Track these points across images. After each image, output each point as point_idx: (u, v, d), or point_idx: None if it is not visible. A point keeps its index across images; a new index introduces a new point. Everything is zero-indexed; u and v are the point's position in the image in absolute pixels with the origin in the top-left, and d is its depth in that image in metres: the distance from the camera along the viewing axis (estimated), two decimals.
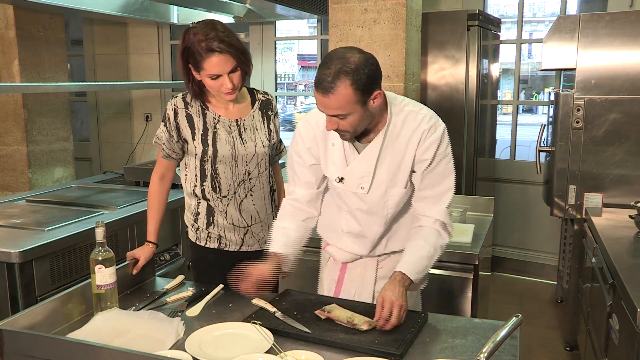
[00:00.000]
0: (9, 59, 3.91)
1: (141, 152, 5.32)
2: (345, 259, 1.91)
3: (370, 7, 3.16)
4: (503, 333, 1.35)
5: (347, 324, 1.56)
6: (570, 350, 3.34)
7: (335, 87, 1.52)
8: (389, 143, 1.71)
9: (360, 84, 1.53)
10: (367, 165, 1.73)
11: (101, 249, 1.69)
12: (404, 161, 1.72)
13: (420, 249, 1.73)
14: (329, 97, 1.54)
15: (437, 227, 1.75)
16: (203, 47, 1.81)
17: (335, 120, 1.61)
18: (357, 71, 1.53)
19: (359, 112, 1.58)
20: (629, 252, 2.42)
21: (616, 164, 3.14)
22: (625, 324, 1.96)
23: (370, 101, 1.59)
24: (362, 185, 1.75)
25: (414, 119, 1.71)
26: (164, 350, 1.45)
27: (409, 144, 1.70)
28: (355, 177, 1.75)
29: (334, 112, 1.58)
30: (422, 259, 1.72)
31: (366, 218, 1.80)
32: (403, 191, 1.75)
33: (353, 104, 1.56)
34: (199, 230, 2.08)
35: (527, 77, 14.71)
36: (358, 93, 1.54)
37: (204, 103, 2.01)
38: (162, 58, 5.33)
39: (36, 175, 4.08)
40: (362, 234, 1.83)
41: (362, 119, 1.62)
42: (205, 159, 1.98)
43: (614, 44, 3.09)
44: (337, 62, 1.54)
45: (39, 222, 2.62)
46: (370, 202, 1.77)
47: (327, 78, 1.53)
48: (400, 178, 1.73)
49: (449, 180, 1.75)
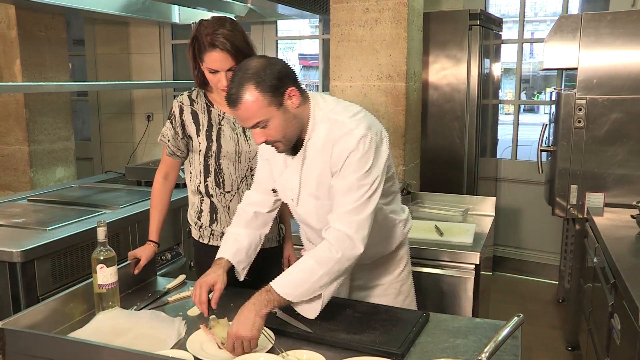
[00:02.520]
0: (10, 59, 3.92)
1: (142, 152, 5.32)
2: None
3: (372, 6, 3.15)
4: (504, 333, 1.35)
5: (220, 344, 1.47)
6: (571, 350, 3.33)
7: (241, 96, 1.49)
8: (314, 153, 1.62)
9: (266, 86, 1.49)
10: (293, 177, 1.68)
11: (103, 248, 1.69)
12: (326, 174, 1.62)
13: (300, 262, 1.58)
14: (239, 108, 1.50)
15: (326, 236, 1.56)
16: (207, 40, 1.85)
17: (260, 132, 1.55)
18: (257, 74, 1.49)
19: (278, 115, 1.52)
20: (631, 252, 2.42)
21: (618, 164, 3.14)
22: (627, 323, 1.96)
23: (287, 102, 1.53)
24: (291, 198, 1.71)
25: (333, 126, 1.59)
26: (166, 350, 1.45)
27: (326, 156, 1.60)
28: (284, 188, 1.72)
29: (252, 121, 1.52)
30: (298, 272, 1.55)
31: (312, 225, 1.75)
32: (329, 204, 1.61)
33: (266, 108, 1.50)
34: (202, 227, 2.08)
35: (529, 77, 14.70)
36: (267, 95, 1.49)
37: (209, 100, 2.03)
38: (164, 58, 5.33)
39: (38, 175, 4.09)
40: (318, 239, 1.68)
41: (286, 123, 1.55)
42: (209, 155, 2.00)
43: (615, 43, 3.08)
44: (238, 73, 1.52)
45: (41, 221, 2.62)
46: (305, 212, 1.72)
47: (232, 91, 1.51)
48: (324, 190, 1.63)
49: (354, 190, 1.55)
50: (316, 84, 5.67)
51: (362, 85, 3.25)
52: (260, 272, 2.15)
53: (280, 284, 1.53)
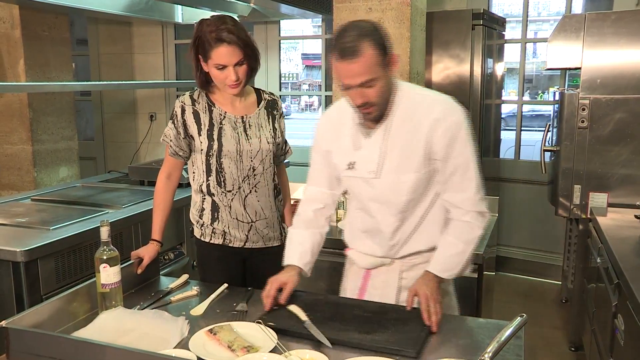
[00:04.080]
0: (14, 59, 3.92)
1: (146, 152, 5.33)
2: (365, 263, 1.85)
3: (375, 6, 3.15)
4: (508, 333, 1.34)
5: (226, 348, 1.47)
6: (575, 350, 3.33)
7: (360, 48, 1.51)
8: (399, 126, 1.67)
9: (380, 44, 1.54)
10: (375, 148, 1.70)
11: (106, 248, 1.69)
12: (416, 146, 1.66)
13: (450, 247, 1.71)
14: (356, 61, 1.52)
15: (467, 219, 1.70)
16: (213, 37, 1.86)
17: (362, 92, 1.57)
18: (373, 32, 1.55)
19: (384, 77, 1.57)
20: (634, 252, 2.41)
21: (621, 164, 3.13)
22: (630, 324, 1.96)
23: (390, 65, 1.59)
24: (370, 170, 1.71)
25: (426, 102, 1.68)
26: (169, 349, 1.45)
27: (420, 129, 1.65)
28: (364, 161, 1.72)
29: (362, 78, 1.54)
30: (452, 257, 1.71)
31: (379, 208, 1.75)
32: (415, 177, 1.68)
33: (378, 66, 1.54)
34: (204, 226, 2.09)
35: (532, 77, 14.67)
36: (381, 53, 1.54)
37: (211, 100, 2.04)
38: (167, 57, 5.34)
39: (41, 175, 4.10)
40: (377, 228, 1.77)
41: (387, 87, 1.60)
42: (210, 154, 2.00)
43: (619, 43, 3.07)
44: (353, 29, 1.55)
45: (44, 221, 2.63)
46: (382, 188, 1.72)
47: (349, 43, 1.52)
48: (412, 163, 1.67)
49: (471, 166, 1.69)
50: (319, 83, 5.67)
51: None
52: (262, 271, 2.15)
53: (442, 269, 1.70)
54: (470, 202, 1.70)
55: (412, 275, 1.79)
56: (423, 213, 1.75)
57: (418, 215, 1.75)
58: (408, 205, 1.73)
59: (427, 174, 1.69)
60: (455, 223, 1.73)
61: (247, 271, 2.16)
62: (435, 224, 1.76)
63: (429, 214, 1.76)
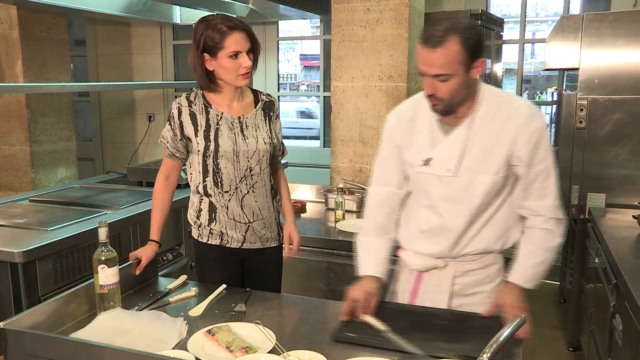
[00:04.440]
0: (12, 59, 3.92)
1: (144, 152, 5.33)
2: (418, 265, 1.79)
3: (373, 7, 3.15)
4: (506, 333, 1.34)
5: (225, 348, 1.46)
6: (573, 350, 3.33)
7: (445, 41, 1.50)
8: (480, 127, 1.65)
9: (469, 44, 1.52)
10: (454, 146, 1.66)
11: (104, 249, 1.69)
12: (496, 147, 1.63)
13: (531, 256, 1.69)
14: (436, 51, 1.51)
15: (547, 227, 1.68)
16: (224, 27, 1.90)
17: (435, 84, 1.56)
18: (467, 30, 1.52)
19: (460, 76, 1.55)
20: (633, 253, 2.42)
21: (619, 164, 3.13)
22: (628, 324, 1.96)
23: (473, 70, 1.56)
24: (448, 168, 1.67)
25: (510, 106, 1.66)
26: (167, 350, 1.45)
27: (503, 132, 1.63)
28: (442, 158, 1.68)
29: (438, 70, 1.53)
30: (534, 267, 1.69)
31: (450, 208, 1.71)
32: (492, 179, 1.65)
33: (458, 64, 1.52)
34: (201, 227, 2.09)
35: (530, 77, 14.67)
36: (466, 53, 1.52)
37: (207, 101, 2.04)
38: (165, 58, 5.33)
39: (39, 175, 4.09)
40: (444, 227, 1.72)
41: (461, 87, 1.57)
42: (207, 154, 2.01)
43: (617, 43, 3.08)
44: (448, 21, 1.53)
45: (42, 222, 2.63)
46: (457, 188, 1.68)
47: (437, 33, 1.51)
48: (490, 164, 1.64)
49: (552, 172, 1.68)
50: (317, 84, 5.67)
51: (363, 85, 3.25)
52: (260, 272, 2.16)
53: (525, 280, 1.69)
54: (550, 208, 1.69)
55: (465, 282, 1.77)
56: (489, 217, 1.72)
57: (485, 218, 1.72)
58: (479, 208, 1.69)
59: (503, 178, 1.66)
60: (534, 232, 1.70)
61: (245, 272, 2.16)
62: (496, 228, 1.73)
63: (492, 218, 1.73)
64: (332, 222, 2.88)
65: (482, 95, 1.66)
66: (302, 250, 2.62)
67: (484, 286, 1.79)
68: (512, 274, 1.70)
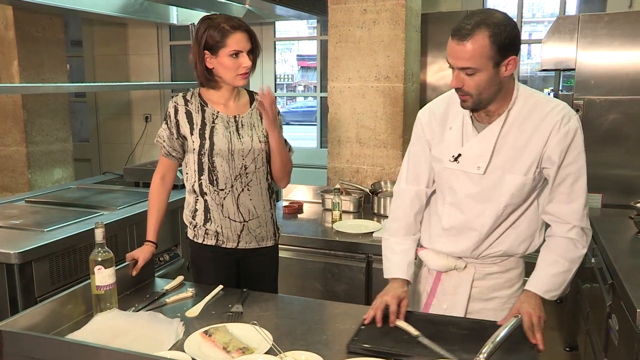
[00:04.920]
0: (8, 60, 3.91)
1: (141, 153, 5.32)
2: (438, 265, 1.77)
3: (370, 7, 3.16)
4: (503, 333, 1.35)
5: (222, 349, 1.46)
6: (569, 350, 3.34)
7: (473, 34, 1.49)
8: (513, 126, 1.62)
9: (499, 40, 1.49)
10: (486, 144, 1.64)
11: (101, 249, 1.69)
12: (527, 148, 1.61)
13: (553, 265, 1.65)
14: (464, 44, 1.49)
15: (572, 236, 1.65)
16: (227, 26, 1.93)
17: (462, 77, 1.54)
18: (498, 26, 1.50)
19: (488, 71, 1.52)
20: (629, 253, 2.42)
21: (616, 165, 3.14)
22: (624, 324, 1.96)
23: (503, 67, 1.54)
24: (478, 165, 1.64)
25: (545, 106, 1.62)
26: (164, 351, 1.45)
27: (536, 133, 1.60)
28: (472, 155, 1.65)
29: (465, 63, 1.51)
30: (556, 277, 1.65)
31: (475, 207, 1.68)
32: (522, 179, 1.62)
33: (486, 59, 1.50)
34: (197, 227, 2.10)
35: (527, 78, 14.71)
36: (494, 48, 1.49)
37: (204, 100, 2.05)
38: (162, 59, 5.32)
39: (36, 176, 4.08)
40: (467, 226, 1.70)
41: (489, 83, 1.54)
42: (202, 153, 2.02)
43: (613, 44, 3.09)
44: (480, 15, 1.52)
45: (39, 223, 2.62)
46: (485, 186, 1.65)
47: (466, 26, 1.50)
48: (521, 165, 1.62)
49: (582, 177, 1.66)
50: (314, 84, 5.67)
51: (360, 86, 3.25)
52: (256, 272, 2.15)
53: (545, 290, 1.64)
54: (576, 215, 1.65)
55: (485, 285, 1.75)
56: (515, 219, 1.69)
57: (510, 220, 1.69)
58: (505, 209, 1.66)
59: (533, 179, 1.64)
60: (557, 240, 1.67)
61: (241, 272, 2.16)
62: (521, 231, 1.71)
63: (518, 220, 1.70)
64: (329, 222, 2.88)
65: (517, 94, 1.63)
66: (299, 250, 2.63)
67: (503, 291, 1.76)
68: (532, 283, 1.66)
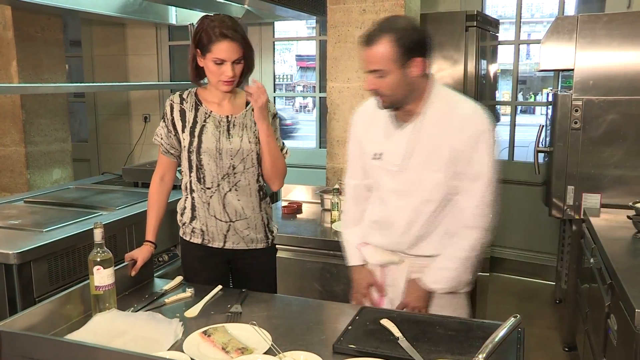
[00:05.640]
0: (7, 60, 3.90)
1: (140, 153, 5.31)
2: (376, 260, 1.91)
3: (369, 7, 3.16)
4: (501, 334, 1.35)
5: (221, 349, 1.46)
6: (568, 350, 3.34)
7: (378, 39, 1.63)
8: (428, 125, 1.73)
9: (402, 43, 1.62)
10: (401, 142, 1.76)
11: (99, 250, 1.69)
12: (442, 147, 1.71)
13: (445, 260, 1.77)
14: (371, 49, 1.64)
15: (468, 234, 1.76)
16: (217, 32, 1.91)
17: (374, 80, 1.67)
18: (401, 30, 1.63)
19: (396, 73, 1.65)
20: (627, 253, 2.43)
21: (614, 165, 3.15)
22: (623, 324, 1.96)
23: (409, 68, 1.66)
24: (396, 162, 1.77)
25: (457, 107, 1.74)
26: (162, 352, 1.45)
27: (448, 132, 1.71)
28: (390, 153, 1.78)
29: (373, 66, 1.65)
30: (445, 271, 1.77)
31: (396, 202, 1.80)
32: (437, 177, 1.73)
33: (391, 61, 1.63)
34: (185, 225, 2.13)
35: (526, 78, 14.72)
36: (398, 51, 1.62)
37: (199, 99, 2.07)
38: (161, 59, 5.32)
39: (34, 176, 4.08)
40: (389, 220, 1.82)
41: (399, 83, 1.66)
42: (191, 150, 2.04)
43: (612, 44, 3.09)
44: (386, 22, 1.68)
45: (37, 223, 2.62)
46: (403, 182, 1.78)
47: (372, 32, 1.65)
48: (436, 163, 1.72)
49: (484, 177, 1.74)
50: (313, 85, 5.67)
51: (359, 86, 3.25)
52: (250, 277, 2.15)
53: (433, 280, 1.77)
54: (469, 215, 1.76)
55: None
56: (435, 215, 1.78)
57: (428, 215, 1.78)
58: (423, 204, 1.76)
59: (449, 177, 1.73)
60: (459, 232, 1.77)
61: (233, 273, 2.16)
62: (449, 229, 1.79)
63: (439, 217, 1.78)
64: (328, 222, 2.88)
65: (433, 95, 1.75)
66: (298, 251, 2.62)
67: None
68: (424, 274, 1.79)
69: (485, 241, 1.78)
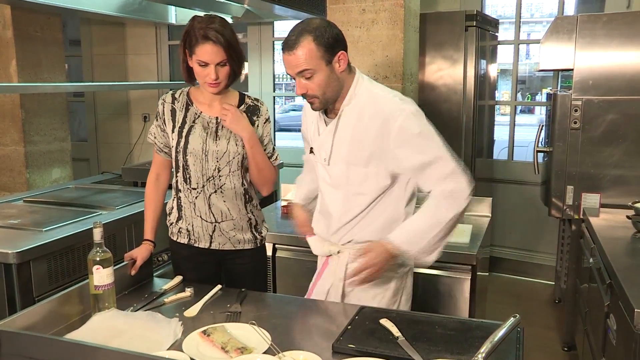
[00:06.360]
0: (6, 59, 3.90)
1: (139, 153, 5.31)
2: (318, 251, 1.98)
3: (369, 7, 3.16)
4: (501, 333, 1.35)
5: (220, 349, 1.46)
6: (568, 350, 3.34)
7: (299, 42, 1.66)
8: (350, 120, 1.77)
9: (323, 40, 1.66)
10: (327, 138, 1.82)
11: (99, 249, 1.69)
12: (366, 141, 1.75)
13: (415, 220, 1.77)
14: (294, 53, 1.66)
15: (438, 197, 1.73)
16: (200, 34, 1.90)
17: (303, 83, 1.70)
18: (318, 29, 1.67)
19: (324, 70, 1.69)
20: (627, 253, 2.43)
21: (613, 165, 3.15)
22: (622, 324, 1.97)
23: (335, 63, 1.70)
24: (324, 157, 1.84)
25: (376, 101, 1.76)
26: (162, 351, 1.45)
27: (371, 127, 1.73)
28: (320, 149, 1.86)
29: (301, 67, 1.67)
30: (416, 231, 1.74)
31: (331, 192, 1.88)
32: (363, 171, 1.77)
33: (317, 60, 1.67)
34: (172, 224, 2.13)
35: (525, 78, 14.72)
36: (321, 48, 1.66)
37: (190, 99, 2.07)
38: (160, 58, 5.32)
39: (34, 176, 4.08)
40: (327, 210, 1.89)
41: (328, 82, 1.70)
42: (178, 150, 2.04)
43: (611, 44, 3.09)
44: (301, 25, 1.70)
45: (37, 222, 2.62)
46: (334, 175, 1.84)
47: (292, 37, 1.68)
48: (361, 157, 1.76)
49: (427, 153, 1.72)
50: None
51: None
52: (237, 273, 2.15)
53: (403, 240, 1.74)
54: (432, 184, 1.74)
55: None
56: (369, 207, 1.82)
57: (362, 207, 1.82)
58: (355, 197, 1.81)
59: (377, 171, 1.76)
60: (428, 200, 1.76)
61: (223, 273, 2.16)
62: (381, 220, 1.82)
63: (373, 209, 1.82)
64: None
65: (356, 89, 1.78)
66: (298, 250, 2.62)
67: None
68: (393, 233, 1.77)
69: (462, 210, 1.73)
